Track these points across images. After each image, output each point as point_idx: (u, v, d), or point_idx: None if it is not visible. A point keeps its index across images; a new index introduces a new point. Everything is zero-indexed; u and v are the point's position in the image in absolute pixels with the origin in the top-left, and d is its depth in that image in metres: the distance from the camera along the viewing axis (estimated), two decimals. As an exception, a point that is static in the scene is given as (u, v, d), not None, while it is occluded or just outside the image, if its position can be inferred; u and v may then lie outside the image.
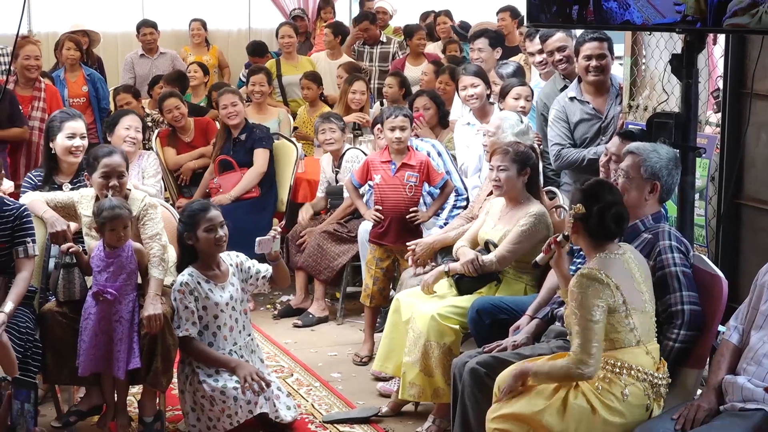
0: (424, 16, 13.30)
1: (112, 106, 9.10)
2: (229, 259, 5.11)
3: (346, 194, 7.18)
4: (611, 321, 4.04)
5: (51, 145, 5.91)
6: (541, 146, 6.65)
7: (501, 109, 6.66)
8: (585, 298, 4.00)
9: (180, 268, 5.08)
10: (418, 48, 10.58)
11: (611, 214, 4.14)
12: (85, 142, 5.93)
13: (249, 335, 5.09)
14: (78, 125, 5.93)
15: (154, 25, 11.07)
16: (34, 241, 5.08)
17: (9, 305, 4.84)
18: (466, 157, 6.96)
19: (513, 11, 10.85)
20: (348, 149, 7.50)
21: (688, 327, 4.22)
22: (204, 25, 11.71)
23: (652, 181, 4.46)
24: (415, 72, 9.72)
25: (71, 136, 5.88)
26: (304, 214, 7.57)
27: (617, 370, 4.05)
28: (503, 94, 6.77)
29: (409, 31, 11.00)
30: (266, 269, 5.16)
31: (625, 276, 4.08)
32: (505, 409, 4.15)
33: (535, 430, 4.08)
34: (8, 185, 6.09)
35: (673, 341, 4.22)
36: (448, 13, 12.36)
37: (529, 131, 6.06)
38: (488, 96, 7.05)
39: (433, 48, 11.35)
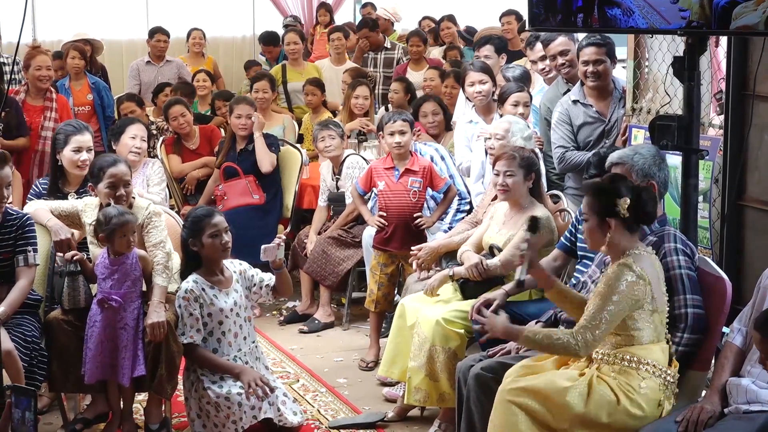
0: (422, 21, 13.31)
1: (116, 115, 9.11)
2: (233, 266, 5.12)
3: (348, 200, 7.19)
4: (635, 316, 4.07)
5: (57, 156, 5.92)
6: (543, 149, 6.65)
7: (500, 115, 6.64)
8: (618, 286, 4.03)
9: (183, 275, 5.09)
10: (415, 54, 10.57)
11: (646, 194, 4.18)
12: (92, 155, 5.88)
13: (253, 342, 5.10)
14: (85, 138, 5.91)
15: (167, 33, 11.12)
16: (35, 250, 5.09)
17: (1, 309, 4.86)
18: (465, 157, 6.92)
19: (517, 15, 10.85)
20: (348, 155, 7.49)
21: (691, 330, 4.22)
22: (204, 35, 11.75)
23: (648, 181, 4.47)
24: (417, 77, 9.72)
25: (77, 149, 5.86)
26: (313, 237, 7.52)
27: (634, 365, 4.07)
28: (502, 100, 6.76)
29: (406, 37, 11.02)
30: (269, 278, 5.16)
31: (653, 274, 4.11)
32: (524, 383, 4.13)
33: (553, 407, 4.05)
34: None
35: (677, 344, 4.22)
36: (452, 18, 12.36)
37: (532, 137, 6.08)
38: (493, 93, 7.03)
39: (437, 53, 11.36)
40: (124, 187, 5.25)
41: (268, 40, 11.90)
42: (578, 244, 5.11)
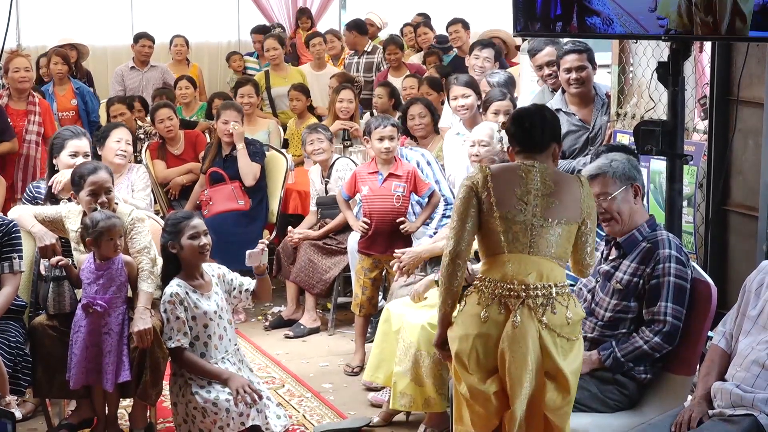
0: (403, 29, 13.30)
1: (104, 118, 9.08)
2: (211, 270, 5.11)
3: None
4: None
5: (54, 161, 5.92)
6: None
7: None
8: None
9: (164, 279, 5.07)
10: (393, 61, 10.54)
11: None
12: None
13: (235, 345, 5.09)
14: (82, 144, 5.93)
15: (151, 39, 11.08)
16: (20, 257, 5.08)
17: None
18: (454, 168, 6.93)
19: (464, 23, 10.89)
20: (337, 159, 7.49)
21: (663, 338, 4.23)
22: (186, 42, 11.71)
23: (631, 183, 4.43)
24: (398, 83, 9.70)
25: (74, 154, 5.87)
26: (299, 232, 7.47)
27: None
28: (485, 107, 6.72)
29: (384, 45, 11.01)
30: (249, 283, 5.16)
31: None
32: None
33: None
34: None
35: (644, 342, 4.25)
36: (428, 24, 12.35)
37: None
38: (479, 107, 7.02)
39: (416, 59, 11.34)
40: (106, 194, 5.23)
41: (259, 29, 12.06)
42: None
